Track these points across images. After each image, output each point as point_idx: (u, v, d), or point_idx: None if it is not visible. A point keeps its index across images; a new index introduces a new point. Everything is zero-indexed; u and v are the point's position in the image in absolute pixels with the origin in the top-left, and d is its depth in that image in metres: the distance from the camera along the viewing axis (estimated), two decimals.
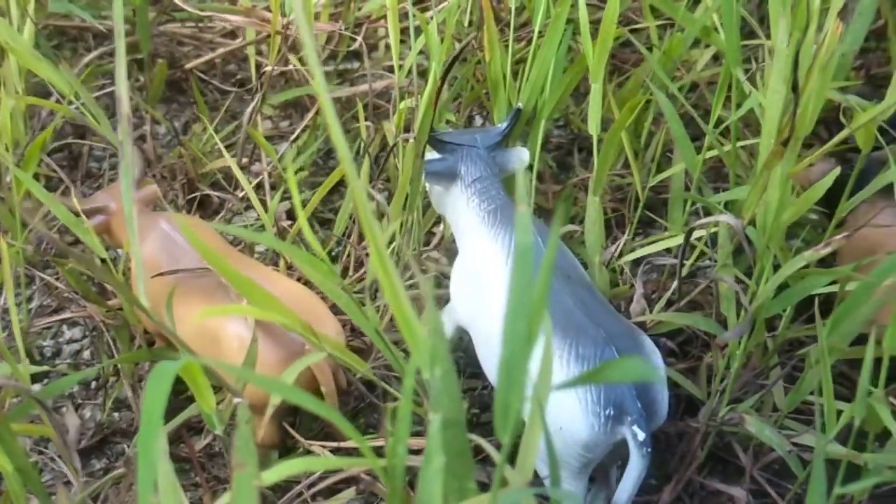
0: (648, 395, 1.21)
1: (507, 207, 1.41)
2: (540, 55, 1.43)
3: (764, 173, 1.10)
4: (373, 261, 0.76)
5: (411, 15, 1.46)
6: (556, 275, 1.31)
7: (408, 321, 0.77)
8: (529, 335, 0.74)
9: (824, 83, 1.06)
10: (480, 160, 1.44)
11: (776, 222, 1.14)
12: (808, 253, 1.12)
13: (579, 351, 1.22)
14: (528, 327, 0.75)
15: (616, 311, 1.31)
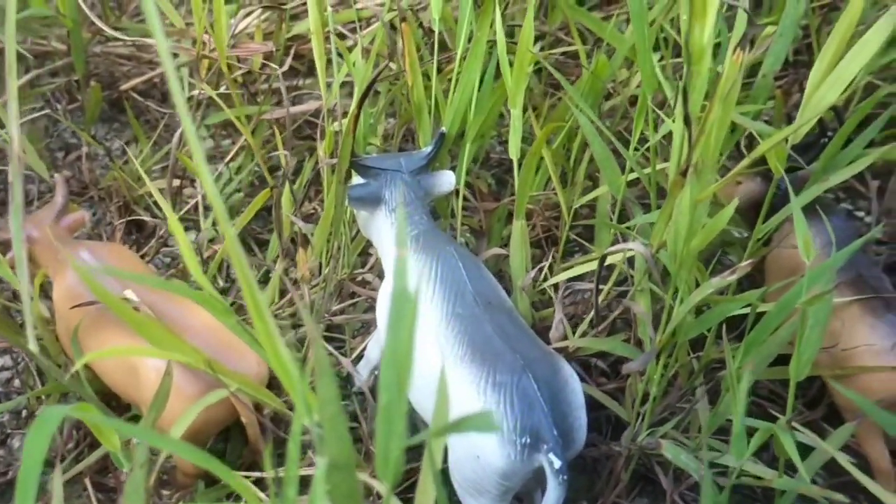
0: (566, 422, 1.22)
1: (430, 233, 1.40)
2: (462, 79, 1.43)
3: (669, 201, 1.10)
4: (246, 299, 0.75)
5: (333, 39, 1.45)
6: (476, 301, 1.31)
7: (282, 364, 0.77)
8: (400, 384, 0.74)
9: (727, 111, 1.07)
10: (405, 185, 1.44)
11: (686, 248, 1.14)
12: (716, 280, 1.12)
13: (496, 378, 1.22)
14: (401, 375, 0.74)
15: (536, 337, 1.31)
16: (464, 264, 1.35)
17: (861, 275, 1.41)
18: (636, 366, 1.17)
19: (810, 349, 1.08)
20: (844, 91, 1.60)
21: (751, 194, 1.56)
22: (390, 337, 0.75)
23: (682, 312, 1.16)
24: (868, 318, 1.36)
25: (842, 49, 1.14)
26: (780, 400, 1.59)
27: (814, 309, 1.07)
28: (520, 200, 1.42)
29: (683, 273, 1.17)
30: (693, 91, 1.00)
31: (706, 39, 0.93)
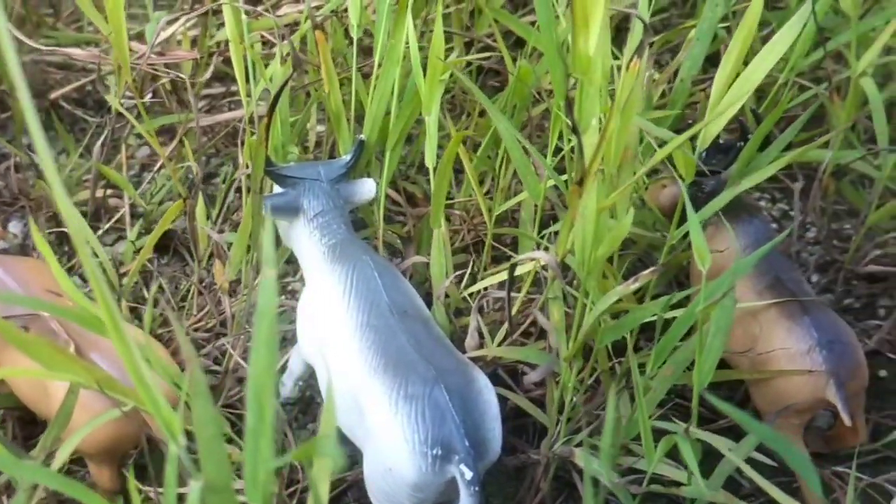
0: (479, 433, 1.21)
1: (347, 242, 1.39)
2: (378, 86, 1.42)
3: (570, 210, 1.09)
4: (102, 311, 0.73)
5: (247, 46, 1.43)
6: (392, 311, 1.30)
7: (143, 384, 0.75)
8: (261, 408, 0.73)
9: (626, 120, 1.06)
10: (323, 194, 1.42)
11: (594, 255, 1.14)
12: (620, 288, 1.12)
13: (408, 390, 1.21)
14: (262, 399, 0.73)
15: (452, 347, 1.31)
16: (380, 274, 1.34)
17: (779, 278, 1.41)
18: (535, 377, 1.17)
19: (712, 357, 1.08)
20: (766, 92, 1.61)
21: (676, 198, 1.55)
22: (254, 361, 0.74)
23: (591, 320, 1.16)
24: (785, 321, 1.36)
25: (743, 54, 1.14)
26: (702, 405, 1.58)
27: (716, 316, 1.07)
28: (435, 208, 1.41)
29: (592, 280, 1.17)
30: (584, 101, 0.99)
31: (592, 50, 0.92)
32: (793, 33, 1.21)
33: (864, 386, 1.38)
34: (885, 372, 1.68)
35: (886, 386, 1.66)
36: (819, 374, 1.32)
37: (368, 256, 1.36)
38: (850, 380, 1.33)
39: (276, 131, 1.43)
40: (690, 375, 1.46)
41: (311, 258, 1.42)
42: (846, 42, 1.64)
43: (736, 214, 1.48)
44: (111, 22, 1.40)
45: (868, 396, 1.64)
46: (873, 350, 1.70)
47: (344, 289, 1.33)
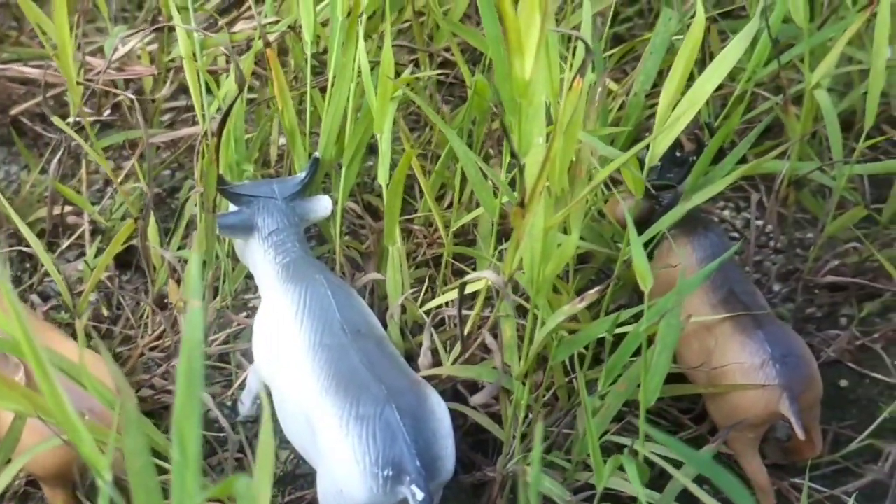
0: (431, 452, 1.20)
1: (301, 261, 1.39)
2: (331, 104, 1.42)
3: (515, 231, 1.09)
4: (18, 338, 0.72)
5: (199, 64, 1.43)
6: (345, 330, 1.30)
7: (60, 406, 0.74)
8: (184, 443, 0.72)
9: (570, 140, 1.06)
10: (278, 212, 1.42)
11: (542, 273, 1.14)
12: (567, 307, 1.12)
13: (359, 411, 1.21)
14: (186, 434, 0.72)
15: (405, 365, 1.30)
16: (333, 293, 1.33)
17: (734, 291, 1.42)
18: (480, 399, 1.16)
19: (658, 376, 1.08)
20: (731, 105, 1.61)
21: (633, 212, 1.55)
22: (177, 393, 0.73)
23: (540, 338, 1.16)
24: (738, 335, 1.36)
25: (688, 70, 1.14)
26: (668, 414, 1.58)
27: (661, 335, 1.07)
28: (388, 226, 1.41)
29: (541, 298, 1.17)
30: (524, 123, 0.99)
31: (528, 74, 0.92)
32: (741, 47, 1.22)
33: (819, 399, 1.39)
34: (846, 381, 1.69)
35: (846, 396, 1.67)
36: (772, 388, 1.32)
37: (322, 275, 1.35)
38: (803, 393, 1.33)
39: (230, 149, 1.43)
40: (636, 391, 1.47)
41: (265, 277, 1.41)
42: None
43: (692, 228, 1.48)
44: (57, 38, 1.39)
45: (828, 407, 1.66)
46: (834, 360, 1.70)
47: (297, 308, 1.33)
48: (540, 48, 0.94)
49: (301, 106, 1.53)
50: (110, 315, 1.66)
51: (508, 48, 0.89)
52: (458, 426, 1.50)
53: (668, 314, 1.06)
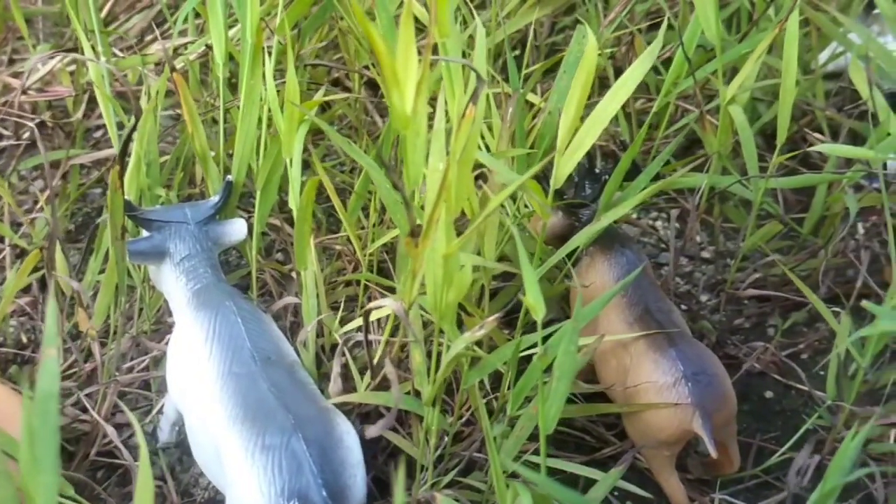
0: (339, 481, 1.19)
1: (212, 287, 1.37)
2: (242, 127, 1.40)
3: (411, 261, 1.08)
4: None
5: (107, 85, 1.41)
6: (254, 358, 1.28)
7: None
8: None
9: (465, 168, 1.05)
10: (190, 237, 1.40)
11: (445, 300, 1.13)
12: (467, 335, 1.11)
13: (265, 441, 1.20)
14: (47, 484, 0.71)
15: (316, 393, 1.29)
16: (243, 319, 1.32)
17: (648, 309, 1.42)
18: (373, 431, 1.16)
19: (556, 402, 1.07)
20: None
21: (554, 228, 1.55)
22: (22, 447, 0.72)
23: (446, 363, 1.15)
24: (652, 353, 1.37)
25: (585, 94, 1.14)
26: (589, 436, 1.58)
27: (559, 362, 1.06)
28: (299, 250, 1.40)
29: (446, 323, 1.16)
30: (410, 153, 0.98)
31: (408, 107, 0.91)
32: (644, 67, 1.22)
33: (733, 416, 1.39)
34: (771, 393, 1.69)
35: (771, 407, 1.67)
36: (685, 406, 1.33)
37: (232, 302, 1.34)
38: (716, 411, 1.33)
39: (140, 174, 1.41)
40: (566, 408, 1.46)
41: (177, 303, 1.40)
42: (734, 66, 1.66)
43: (609, 245, 1.48)
44: None
45: (754, 419, 1.66)
46: (760, 371, 1.71)
47: (206, 336, 1.31)
48: (423, 81, 0.94)
49: (217, 128, 1.51)
50: (31, 341, 1.64)
51: (384, 82, 0.88)
52: (383, 447, 1.50)
53: (565, 341, 1.05)
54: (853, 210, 1.48)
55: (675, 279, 1.91)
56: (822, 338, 1.75)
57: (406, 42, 0.88)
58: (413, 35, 0.87)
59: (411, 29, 0.87)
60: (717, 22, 1.43)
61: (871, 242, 1.81)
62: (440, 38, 1.13)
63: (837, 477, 0.92)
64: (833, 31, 1.57)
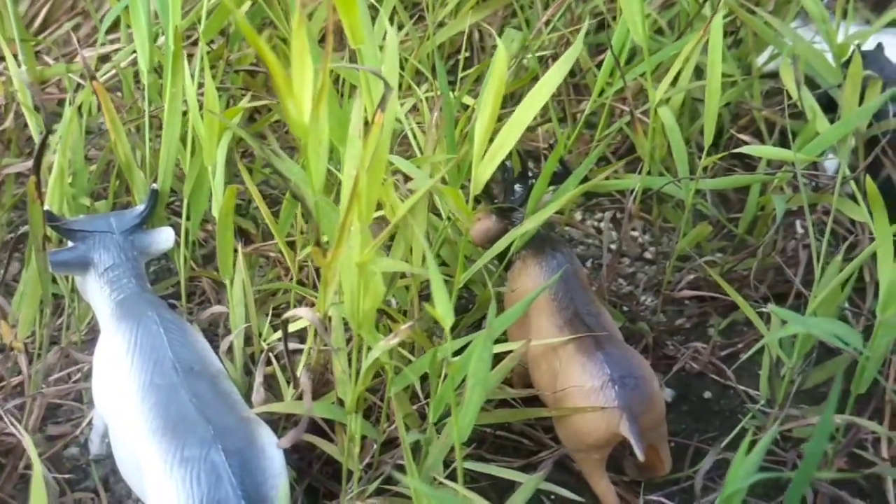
0: (259, 492, 1.19)
1: (135, 298, 1.36)
2: (165, 135, 1.39)
3: (322, 271, 1.08)
4: None
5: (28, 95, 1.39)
6: (176, 369, 1.27)
7: None
8: None
9: (375, 176, 1.05)
10: (115, 246, 1.39)
11: (361, 308, 1.12)
12: (382, 343, 1.10)
13: (185, 453, 1.19)
14: None
15: (239, 403, 1.28)
16: (166, 329, 1.31)
17: (578, 312, 1.41)
18: (284, 443, 1.15)
19: (471, 411, 1.07)
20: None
21: (489, 232, 1.55)
22: None
23: (363, 373, 1.15)
24: (580, 357, 1.36)
25: (498, 104, 1.13)
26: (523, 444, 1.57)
27: (472, 370, 1.06)
28: (222, 259, 1.38)
29: (365, 331, 1.15)
30: (312, 161, 0.97)
31: (306, 117, 0.90)
32: (561, 73, 1.21)
33: (661, 418, 1.39)
34: (710, 393, 1.70)
35: (710, 407, 1.67)
36: (612, 410, 1.33)
37: (155, 312, 1.33)
38: (643, 413, 1.34)
39: (62, 183, 1.39)
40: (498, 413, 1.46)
41: (101, 314, 1.38)
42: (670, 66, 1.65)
43: (540, 249, 1.48)
44: None
45: (692, 419, 1.67)
46: (699, 372, 1.71)
47: (128, 347, 1.30)
48: (325, 88, 0.93)
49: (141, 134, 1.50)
50: None
51: (278, 92, 0.88)
52: (318, 455, 1.49)
53: (478, 349, 1.05)
54: (780, 211, 1.48)
55: (618, 280, 1.91)
56: (760, 337, 1.76)
57: (300, 51, 0.87)
58: (306, 44, 0.87)
59: (304, 37, 0.86)
60: (643, 24, 1.43)
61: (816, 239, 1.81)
62: (355, 44, 1.12)
63: (738, 481, 0.91)
64: (766, 32, 1.57)
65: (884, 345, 1.20)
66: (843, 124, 1.41)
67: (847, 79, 1.41)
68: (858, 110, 1.44)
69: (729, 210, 1.97)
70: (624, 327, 1.74)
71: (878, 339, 1.19)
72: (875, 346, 1.20)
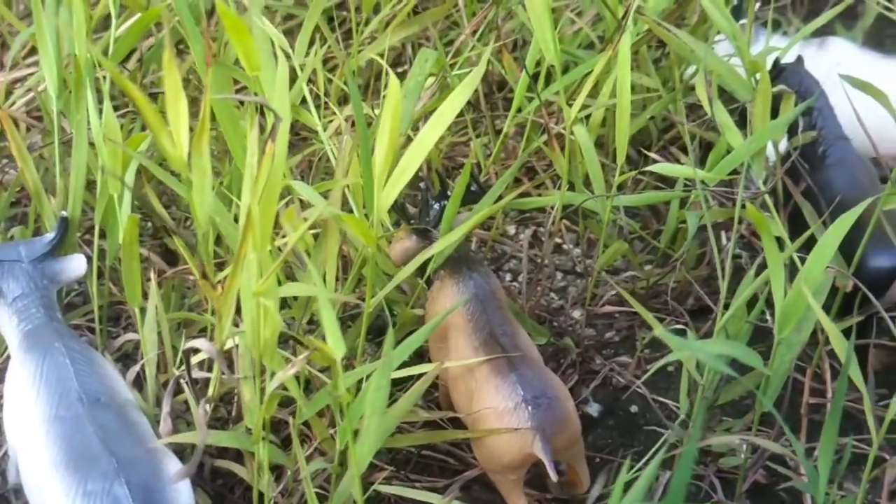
0: None
1: (43, 328, 1.35)
2: (73, 162, 1.37)
3: (214, 302, 1.07)
4: None
5: None
6: (82, 400, 1.26)
7: None
8: None
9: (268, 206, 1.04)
10: (24, 275, 1.37)
11: (262, 338, 1.12)
12: (279, 374, 1.10)
13: (87, 487, 1.18)
14: None
15: (147, 433, 1.27)
16: (72, 360, 1.30)
17: (493, 333, 1.41)
18: (177, 477, 1.14)
19: (370, 440, 1.06)
20: None
21: (408, 252, 1.54)
22: None
23: (265, 403, 1.14)
24: (493, 378, 1.36)
25: (395, 134, 1.13)
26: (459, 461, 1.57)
27: (369, 399, 1.05)
28: (129, 289, 1.37)
29: (268, 360, 1.15)
30: (199, 194, 0.97)
31: (182, 151, 0.89)
32: (464, 96, 1.21)
33: (577, 437, 1.39)
34: (636, 407, 1.70)
35: (636, 422, 1.68)
36: (524, 430, 1.32)
37: (61, 343, 1.32)
38: (557, 434, 1.34)
39: None
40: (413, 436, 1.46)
41: (10, 344, 1.37)
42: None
43: (457, 269, 1.48)
44: None
45: (619, 434, 1.67)
46: (625, 386, 1.72)
47: (34, 379, 1.29)
48: (205, 121, 0.92)
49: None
50: None
51: (150, 128, 0.87)
52: (240, 480, 1.48)
53: (376, 377, 1.04)
54: (692, 226, 1.49)
55: (550, 294, 1.92)
56: None
57: (172, 86, 0.86)
58: (178, 78, 0.86)
59: (175, 71, 0.85)
60: (554, 43, 1.43)
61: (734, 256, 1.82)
62: (251, 72, 1.12)
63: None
64: (680, 47, 1.58)
65: (786, 362, 1.21)
66: (754, 140, 1.42)
67: (756, 94, 1.42)
68: (770, 125, 1.45)
69: (661, 221, 1.98)
70: (551, 343, 1.75)
71: (779, 358, 1.20)
72: (776, 365, 1.20)
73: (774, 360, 1.20)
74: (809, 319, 1.22)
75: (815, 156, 1.67)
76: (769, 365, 1.20)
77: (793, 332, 1.18)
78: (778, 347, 1.20)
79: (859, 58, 2.07)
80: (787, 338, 1.18)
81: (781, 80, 1.73)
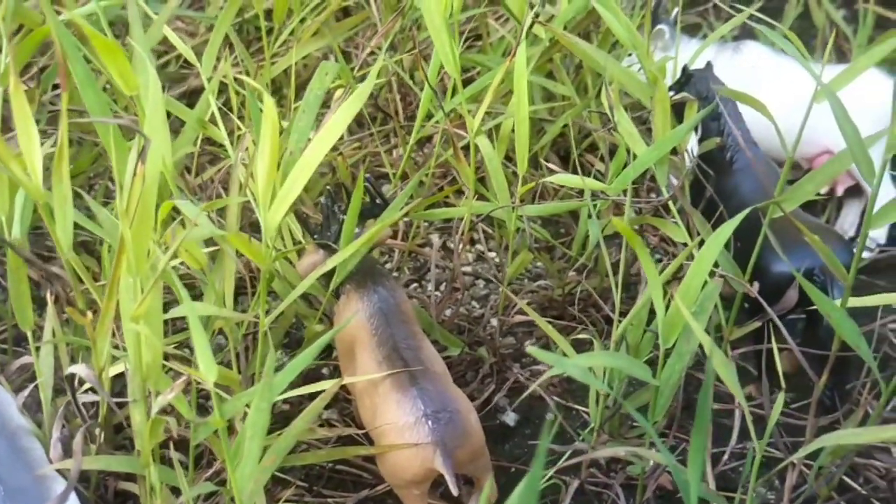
0: None
1: None
2: None
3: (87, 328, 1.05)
4: None
5: None
6: None
7: None
8: None
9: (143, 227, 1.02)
10: None
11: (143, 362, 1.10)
12: (160, 399, 1.08)
13: None
14: None
15: (41, 460, 1.25)
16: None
17: (397, 347, 1.41)
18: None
19: (251, 462, 1.05)
20: None
21: (315, 265, 1.53)
22: None
23: (149, 426, 1.12)
24: (394, 393, 1.35)
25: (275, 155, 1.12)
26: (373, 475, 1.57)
27: (251, 420, 1.04)
28: (19, 312, 1.34)
29: (152, 383, 1.13)
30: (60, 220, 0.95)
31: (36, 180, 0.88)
32: (350, 115, 1.21)
33: (480, 450, 1.38)
34: (552, 416, 1.70)
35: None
36: (426, 445, 1.32)
37: None
38: (458, 448, 1.33)
39: None
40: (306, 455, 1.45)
41: None
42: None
43: (363, 283, 1.47)
44: None
45: (536, 443, 1.67)
46: (541, 395, 1.72)
47: None
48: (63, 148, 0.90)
49: None
50: None
51: None
52: None
53: (256, 399, 1.03)
54: (593, 235, 1.49)
55: (472, 302, 1.92)
56: None
57: (22, 116, 0.84)
58: (28, 107, 0.84)
59: (22, 98, 0.83)
60: (454, 56, 1.43)
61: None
62: (128, 92, 1.10)
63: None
64: (586, 56, 1.58)
65: (676, 372, 1.21)
66: (655, 148, 1.43)
67: (654, 103, 1.42)
68: (671, 132, 1.45)
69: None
70: (468, 353, 1.74)
71: (667, 370, 1.20)
72: (664, 376, 1.21)
73: (662, 372, 1.20)
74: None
75: (722, 161, 1.69)
76: (658, 377, 1.20)
77: (681, 341, 1.18)
78: (663, 359, 1.20)
79: (774, 60, 2.10)
80: (676, 348, 1.19)
81: (690, 86, 1.74)
